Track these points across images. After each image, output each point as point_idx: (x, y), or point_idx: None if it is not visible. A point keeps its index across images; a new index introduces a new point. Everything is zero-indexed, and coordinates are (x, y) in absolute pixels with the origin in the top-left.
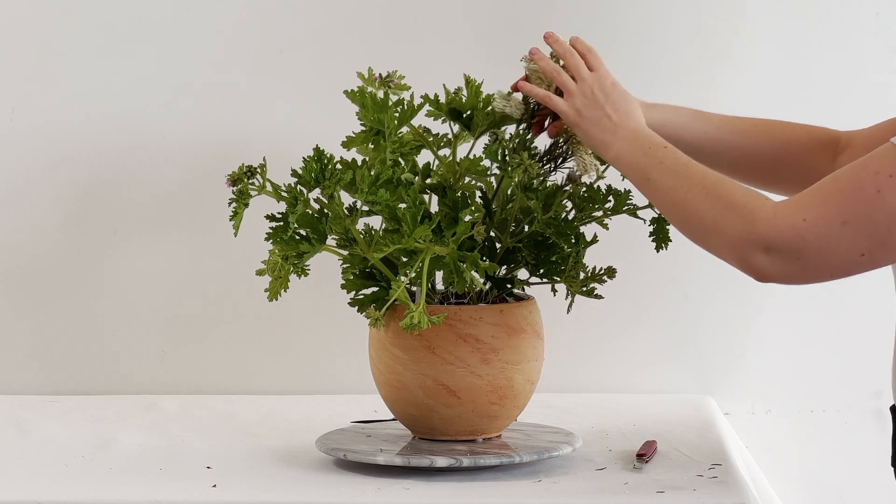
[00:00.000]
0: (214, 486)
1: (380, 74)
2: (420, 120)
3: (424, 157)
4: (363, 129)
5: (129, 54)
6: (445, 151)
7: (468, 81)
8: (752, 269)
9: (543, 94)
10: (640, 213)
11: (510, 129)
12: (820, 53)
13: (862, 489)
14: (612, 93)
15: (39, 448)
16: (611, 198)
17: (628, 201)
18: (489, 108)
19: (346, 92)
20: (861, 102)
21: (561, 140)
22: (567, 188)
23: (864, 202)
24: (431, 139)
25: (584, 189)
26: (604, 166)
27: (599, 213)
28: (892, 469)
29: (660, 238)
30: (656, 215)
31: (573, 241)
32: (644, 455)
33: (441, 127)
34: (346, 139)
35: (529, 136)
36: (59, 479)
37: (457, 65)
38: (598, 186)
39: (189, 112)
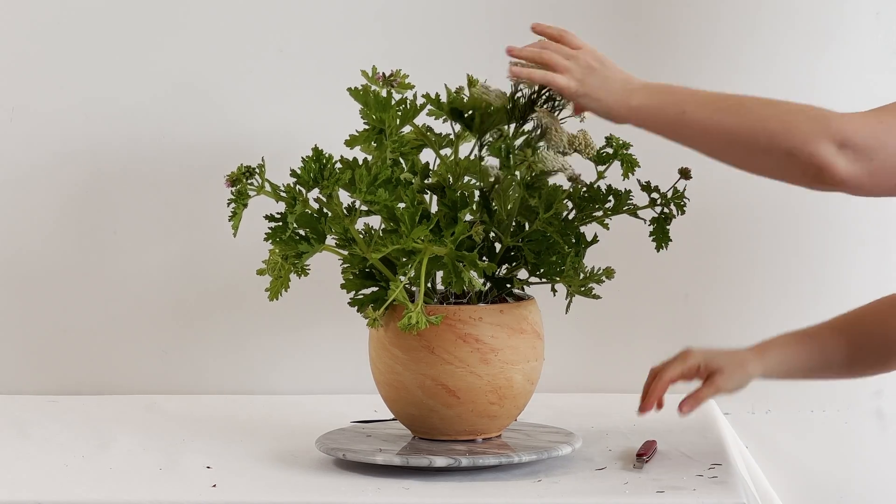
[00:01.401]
0: (214, 485)
1: (383, 73)
2: (424, 119)
3: (428, 156)
4: (366, 127)
5: (129, 54)
6: (447, 150)
7: (471, 81)
8: (823, 165)
9: (541, 75)
10: (640, 213)
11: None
12: (819, 54)
13: (861, 489)
14: (605, 60)
15: (40, 448)
16: (611, 198)
17: (629, 201)
18: (482, 101)
19: (349, 89)
20: (861, 103)
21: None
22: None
23: None
24: (434, 139)
25: (584, 189)
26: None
27: (600, 213)
28: None
29: (660, 238)
30: (656, 215)
31: (573, 240)
32: (644, 455)
33: (444, 126)
34: (349, 137)
35: (529, 132)
36: (59, 479)
37: (460, 64)
38: (599, 186)
39: (188, 112)
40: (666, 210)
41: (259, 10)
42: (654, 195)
